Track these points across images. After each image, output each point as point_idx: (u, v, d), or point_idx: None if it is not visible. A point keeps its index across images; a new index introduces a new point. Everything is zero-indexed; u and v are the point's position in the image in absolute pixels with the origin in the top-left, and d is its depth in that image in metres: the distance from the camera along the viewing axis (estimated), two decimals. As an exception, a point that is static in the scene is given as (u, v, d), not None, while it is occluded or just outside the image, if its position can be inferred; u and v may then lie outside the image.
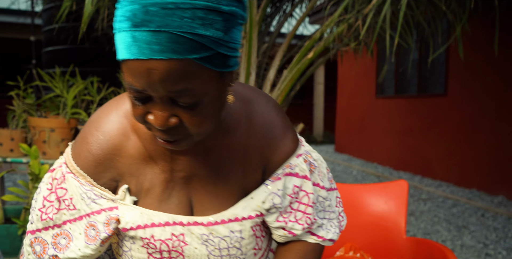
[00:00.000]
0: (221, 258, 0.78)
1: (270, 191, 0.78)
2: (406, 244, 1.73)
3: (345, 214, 0.97)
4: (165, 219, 0.76)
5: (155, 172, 0.77)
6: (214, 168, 0.78)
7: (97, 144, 0.75)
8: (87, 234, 0.76)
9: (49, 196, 0.78)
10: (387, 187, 1.86)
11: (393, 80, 7.25)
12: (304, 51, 2.56)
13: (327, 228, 0.87)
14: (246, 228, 0.78)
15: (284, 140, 0.80)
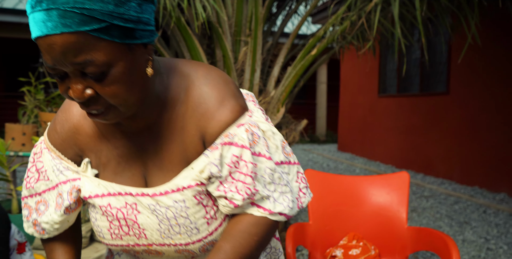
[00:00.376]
0: (171, 227, 0.83)
1: (208, 161, 0.79)
2: (408, 233, 1.79)
3: (311, 192, 0.93)
4: (118, 189, 0.84)
5: (109, 148, 0.85)
6: (158, 142, 0.83)
7: (61, 123, 0.87)
8: (57, 203, 0.87)
9: (31, 168, 0.90)
10: (389, 179, 1.91)
11: (396, 79, 7.29)
12: (308, 48, 2.61)
13: (276, 201, 0.83)
14: (188, 197, 0.81)
15: (221, 110, 0.80)
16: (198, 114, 0.80)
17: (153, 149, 0.84)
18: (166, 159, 0.83)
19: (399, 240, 1.81)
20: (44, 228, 0.89)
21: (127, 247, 0.89)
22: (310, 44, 2.61)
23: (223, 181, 0.80)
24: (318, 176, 1.96)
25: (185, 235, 0.84)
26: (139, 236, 0.86)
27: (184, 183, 0.81)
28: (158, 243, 0.86)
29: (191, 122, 0.81)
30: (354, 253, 1.77)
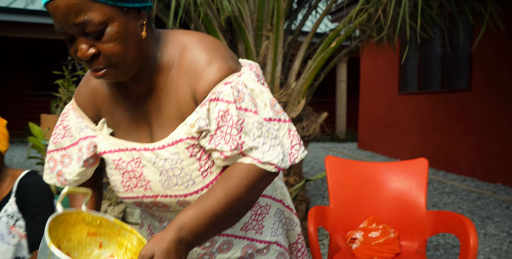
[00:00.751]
0: (169, 178, 0.92)
1: (198, 116, 0.87)
2: (427, 217, 1.83)
3: (305, 149, 0.96)
4: (126, 145, 0.96)
5: (121, 110, 0.98)
6: (158, 103, 0.94)
7: (83, 86, 1.01)
8: (78, 157, 1.00)
9: (59, 126, 1.03)
10: (408, 165, 1.96)
11: (416, 76, 7.25)
12: (328, 41, 2.68)
13: (265, 152, 0.87)
14: (182, 150, 0.90)
15: (208, 70, 0.87)
16: (189, 74, 0.89)
17: (155, 110, 0.94)
18: (165, 118, 0.93)
19: (418, 224, 1.85)
20: (66, 178, 1.01)
21: (137, 199, 0.99)
22: (330, 37, 2.67)
23: (213, 135, 0.87)
24: (338, 162, 2.02)
25: (183, 186, 0.93)
26: (145, 188, 0.96)
27: (177, 137, 0.89)
28: (161, 195, 0.96)
29: (184, 82, 0.90)
30: (374, 235, 1.83)
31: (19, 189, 1.34)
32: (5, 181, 1.36)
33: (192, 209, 0.81)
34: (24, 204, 1.32)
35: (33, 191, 1.34)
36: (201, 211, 0.81)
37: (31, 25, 9.76)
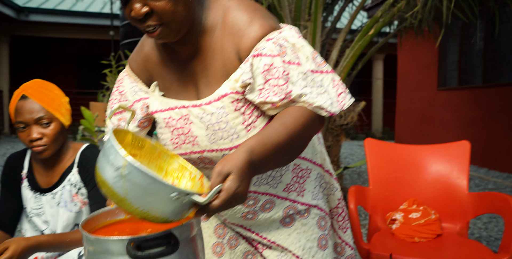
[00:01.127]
0: (215, 132, 0.98)
1: (242, 71, 0.92)
2: (469, 199, 1.82)
3: (351, 97, 0.98)
4: (175, 104, 1.02)
5: (170, 73, 1.05)
6: (204, 63, 1.00)
7: (136, 53, 1.09)
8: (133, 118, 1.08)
9: (115, 92, 1.12)
10: (449, 147, 1.95)
11: (457, 71, 7.07)
12: (366, 29, 2.68)
13: (314, 97, 0.91)
14: (226, 104, 0.95)
15: (250, 28, 0.93)
16: (232, 34, 0.95)
17: (201, 70, 1.00)
18: (211, 77, 0.99)
19: (460, 206, 1.84)
20: None
21: (185, 156, 1.05)
22: (367, 25, 2.68)
23: (262, 89, 0.92)
24: (378, 145, 2.03)
25: (228, 140, 0.98)
26: (193, 144, 1.02)
27: (222, 91, 0.95)
28: (207, 149, 1.01)
29: (228, 42, 0.95)
30: (414, 216, 1.83)
31: (80, 160, 1.44)
32: (67, 153, 1.46)
33: (257, 137, 0.84)
34: (86, 174, 1.42)
35: (94, 162, 1.43)
36: (266, 140, 0.83)
37: (75, 25, 10.17)
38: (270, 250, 1.15)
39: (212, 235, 1.21)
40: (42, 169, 1.46)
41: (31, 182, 1.46)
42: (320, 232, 1.16)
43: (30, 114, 1.34)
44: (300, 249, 1.13)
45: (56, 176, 1.44)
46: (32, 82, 1.41)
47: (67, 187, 1.42)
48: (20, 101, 1.35)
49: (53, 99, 1.39)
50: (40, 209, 1.45)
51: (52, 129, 1.36)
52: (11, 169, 1.48)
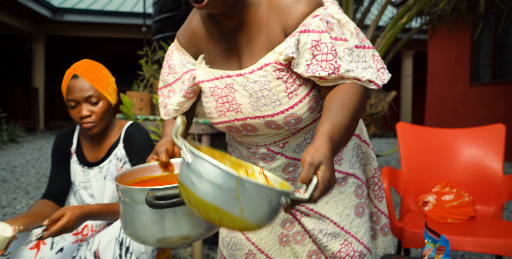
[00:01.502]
0: (258, 99, 1.04)
1: (287, 45, 0.98)
2: (504, 181, 1.81)
3: (389, 73, 1.03)
4: (220, 73, 1.09)
5: (215, 46, 1.11)
6: (248, 36, 1.05)
7: (184, 29, 1.16)
8: (180, 89, 1.15)
9: (165, 65, 1.20)
10: (484, 131, 1.94)
11: (490, 66, 6.91)
12: (398, 18, 2.69)
13: (361, 72, 0.96)
14: (269, 73, 1.01)
15: (297, 5, 0.98)
16: (279, 10, 1.00)
17: (245, 42, 1.06)
18: (255, 48, 1.05)
19: (494, 188, 1.83)
20: (168, 109, 1.17)
21: (229, 123, 1.12)
22: (400, 13, 2.68)
23: (309, 64, 0.97)
24: (410, 128, 2.04)
25: (270, 106, 1.04)
26: (236, 111, 1.08)
27: (265, 61, 1.01)
28: (250, 116, 1.07)
29: (274, 18, 1.01)
30: (447, 198, 1.83)
31: (126, 136, 1.52)
32: (113, 129, 1.55)
33: (330, 122, 0.87)
34: (131, 149, 1.50)
35: (138, 138, 1.52)
36: (339, 125, 0.88)
37: (107, 25, 10.45)
38: (308, 217, 1.20)
39: None
40: (90, 144, 1.55)
41: (80, 157, 1.55)
42: (357, 200, 1.20)
43: (80, 93, 1.43)
44: (338, 216, 1.18)
45: (103, 151, 1.53)
46: (82, 62, 1.49)
47: (114, 161, 1.51)
48: (72, 80, 1.44)
49: (101, 79, 1.47)
50: (88, 183, 1.54)
51: (100, 107, 1.45)
52: (61, 145, 1.58)
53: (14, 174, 4.92)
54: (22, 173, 4.96)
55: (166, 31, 4.79)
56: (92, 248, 1.38)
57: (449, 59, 7.97)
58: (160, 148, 1.04)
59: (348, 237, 1.18)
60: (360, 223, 1.20)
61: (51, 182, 1.56)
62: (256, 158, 1.19)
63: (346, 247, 1.18)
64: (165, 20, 4.69)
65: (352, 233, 1.19)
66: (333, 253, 1.18)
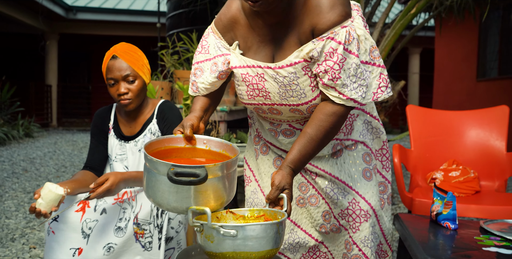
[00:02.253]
0: (286, 91, 1.17)
1: (314, 46, 1.10)
2: (507, 158, 1.94)
3: (391, 92, 1.20)
4: (253, 63, 1.19)
5: (254, 36, 1.20)
6: (284, 32, 1.17)
7: (224, 14, 1.24)
8: (211, 70, 1.25)
9: (200, 45, 1.30)
10: (488, 112, 2.07)
11: (497, 61, 6.99)
12: (408, 9, 2.81)
13: (353, 89, 1.12)
14: (298, 70, 1.14)
15: (330, 13, 1.09)
16: (313, 13, 1.11)
17: (280, 37, 1.18)
18: (286, 43, 1.18)
19: (498, 165, 1.96)
20: (198, 87, 1.29)
21: (257, 106, 1.26)
22: (409, 5, 2.81)
23: (320, 64, 1.12)
24: (419, 111, 2.17)
25: (296, 98, 1.19)
26: (265, 97, 1.22)
27: (295, 59, 1.14)
28: (277, 103, 1.22)
29: (307, 19, 1.12)
30: (454, 174, 1.96)
31: (159, 112, 1.67)
32: (147, 107, 1.69)
33: (298, 154, 1.12)
34: (163, 124, 1.65)
35: (169, 114, 1.66)
36: (306, 154, 1.13)
37: (119, 23, 10.64)
38: (321, 178, 1.34)
39: (271, 165, 1.41)
40: (126, 120, 1.70)
41: (117, 132, 1.70)
42: (365, 165, 1.34)
43: (119, 72, 1.57)
44: (347, 176, 1.32)
45: (138, 126, 1.68)
46: (120, 44, 1.64)
47: (148, 135, 1.65)
48: (111, 61, 1.58)
49: (137, 60, 1.62)
50: (124, 155, 1.69)
51: (136, 86, 1.59)
52: (100, 121, 1.73)
53: (33, 164, 5.10)
54: (42, 164, 5.14)
55: (181, 26, 4.95)
56: (135, 210, 1.52)
57: (456, 55, 8.07)
58: (187, 122, 1.16)
59: (356, 196, 1.32)
60: (368, 186, 1.33)
61: (90, 154, 1.70)
62: (278, 132, 1.34)
63: (353, 205, 1.31)
64: (180, 15, 4.85)
65: (360, 193, 1.32)
66: (342, 210, 1.32)
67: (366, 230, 1.30)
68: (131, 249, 1.52)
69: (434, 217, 1.29)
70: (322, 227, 1.36)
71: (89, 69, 13.19)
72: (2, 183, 3.95)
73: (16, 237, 2.46)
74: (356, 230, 1.31)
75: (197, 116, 1.21)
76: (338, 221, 1.33)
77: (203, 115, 1.24)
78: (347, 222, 1.32)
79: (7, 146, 6.66)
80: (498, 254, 1.02)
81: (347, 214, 1.32)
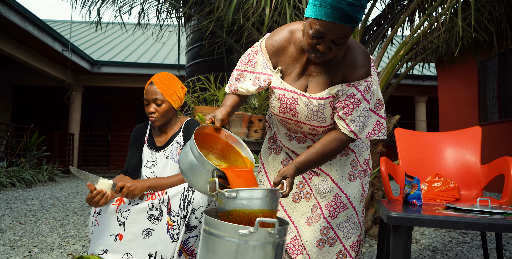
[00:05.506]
0: (312, 115, 1.52)
1: (341, 88, 1.47)
2: (482, 170, 2.25)
3: (384, 135, 1.57)
4: (290, 88, 1.52)
5: (295, 66, 1.53)
6: (322, 72, 1.51)
7: (276, 41, 1.55)
8: (253, 82, 1.57)
9: (246, 56, 1.61)
10: (464, 132, 2.41)
11: (497, 106, 7.36)
12: (398, 51, 3.26)
13: (356, 125, 1.49)
14: (326, 103, 1.49)
15: (359, 71, 1.46)
16: (348, 67, 1.48)
17: (316, 74, 1.53)
18: (320, 80, 1.53)
19: (474, 176, 2.26)
20: (237, 89, 1.61)
21: (285, 119, 1.62)
22: (398, 48, 3.25)
23: (340, 101, 1.50)
24: (406, 132, 2.52)
25: (318, 121, 1.56)
26: (293, 115, 1.58)
27: (326, 95, 1.50)
28: (302, 122, 1.58)
29: (342, 69, 1.49)
30: (437, 185, 2.26)
31: (185, 127, 2.05)
32: (176, 124, 2.08)
33: (304, 158, 1.47)
34: (188, 136, 2.03)
35: (193, 128, 2.05)
36: (310, 161, 1.49)
37: (138, 75, 11.39)
38: (317, 176, 1.68)
39: (280, 164, 1.76)
40: (158, 134, 2.09)
41: (150, 143, 2.08)
42: (350, 169, 1.68)
43: (151, 95, 1.98)
44: (336, 175, 1.66)
45: (167, 138, 2.06)
46: (160, 73, 2.05)
47: (175, 145, 2.03)
48: (149, 86, 2.00)
49: (168, 87, 2.02)
50: (153, 162, 2.05)
51: (163, 108, 1.99)
52: (138, 133, 2.12)
53: (60, 201, 5.45)
54: (67, 201, 5.49)
55: (199, 74, 5.50)
56: (164, 201, 1.86)
57: (459, 102, 8.47)
58: (218, 116, 1.49)
59: (339, 191, 1.64)
60: (351, 185, 1.66)
61: (128, 161, 2.07)
62: (292, 137, 1.70)
63: (336, 199, 1.64)
64: (198, 64, 5.41)
65: (343, 190, 1.65)
66: (328, 203, 1.64)
67: (342, 217, 1.62)
68: (163, 239, 1.83)
69: (405, 198, 1.60)
70: (309, 218, 1.67)
71: (110, 119, 13.87)
72: (34, 214, 4.29)
73: (55, 248, 2.77)
74: (334, 217, 1.62)
75: (227, 111, 1.55)
76: (322, 212, 1.64)
77: (231, 111, 1.58)
78: (328, 211, 1.63)
79: (34, 188, 7.06)
80: (447, 209, 1.33)
81: (331, 206, 1.63)
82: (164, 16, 4.90)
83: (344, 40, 1.34)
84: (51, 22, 16.02)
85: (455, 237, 3.30)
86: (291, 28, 1.55)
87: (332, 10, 1.26)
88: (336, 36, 1.31)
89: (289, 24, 1.59)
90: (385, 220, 1.35)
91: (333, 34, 1.31)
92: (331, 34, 1.31)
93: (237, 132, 3.34)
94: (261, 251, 1.20)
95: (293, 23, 1.60)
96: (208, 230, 1.26)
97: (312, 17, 1.31)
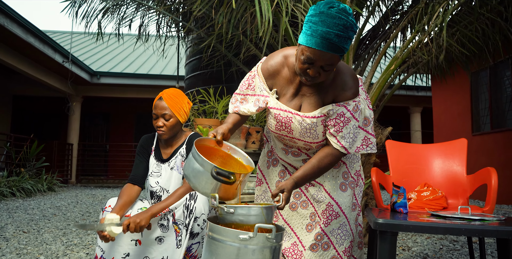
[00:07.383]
0: (305, 132, 1.64)
1: (332, 108, 1.59)
2: (467, 179, 2.39)
3: (373, 149, 1.71)
4: (285, 108, 1.65)
5: (289, 87, 1.66)
6: (314, 93, 1.63)
7: (271, 64, 1.68)
8: (254, 103, 1.71)
9: (246, 81, 1.75)
10: (451, 144, 2.55)
11: (489, 117, 7.53)
12: (389, 66, 3.42)
13: (346, 141, 1.63)
14: (318, 121, 1.61)
15: (349, 91, 1.60)
16: (337, 89, 1.61)
17: (309, 95, 1.65)
18: (313, 101, 1.66)
19: (461, 186, 2.40)
20: (240, 110, 1.75)
21: (280, 135, 1.76)
22: (390, 63, 3.41)
23: (331, 119, 1.63)
24: (396, 144, 2.66)
25: (311, 138, 1.69)
26: (288, 132, 1.71)
27: (319, 114, 1.63)
28: (296, 138, 1.72)
29: (332, 91, 1.62)
30: (425, 194, 2.39)
31: (188, 140, 2.17)
32: (181, 137, 2.20)
33: (302, 173, 1.60)
34: (191, 148, 2.15)
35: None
36: (307, 175, 1.62)
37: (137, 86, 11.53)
38: (312, 187, 1.81)
39: (276, 175, 1.89)
40: (164, 146, 2.21)
41: (156, 154, 2.20)
42: (342, 180, 1.81)
43: (160, 110, 2.11)
44: (329, 185, 1.79)
45: (172, 150, 2.19)
46: (169, 89, 2.17)
47: (179, 157, 2.15)
48: (158, 101, 2.13)
49: (176, 103, 2.14)
50: (158, 172, 2.17)
51: (170, 122, 2.11)
52: (145, 143, 2.23)
53: (60, 210, 5.54)
54: (68, 210, 5.58)
55: (198, 86, 5.63)
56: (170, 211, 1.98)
57: (452, 112, 8.65)
58: (220, 131, 1.62)
59: (331, 201, 1.77)
60: (342, 195, 1.79)
61: (135, 169, 2.18)
62: (288, 151, 1.83)
63: (329, 208, 1.77)
64: (197, 76, 5.56)
65: (335, 199, 1.78)
66: (322, 211, 1.77)
67: (335, 225, 1.75)
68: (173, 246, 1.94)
69: (392, 206, 1.73)
70: (309, 225, 1.80)
71: (108, 129, 13.97)
72: (37, 223, 4.39)
73: (60, 255, 2.87)
74: (328, 224, 1.75)
75: (229, 127, 1.67)
76: (321, 219, 1.77)
77: (232, 127, 1.71)
78: (322, 219, 1.75)
79: (33, 197, 7.14)
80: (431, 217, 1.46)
81: (324, 213, 1.76)
82: (164, 30, 5.05)
83: (332, 66, 1.47)
84: (50, 33, 16.20)
85: (446, 245, 3.42)
86: (285, 53, 1.70)
87: (321, 40, 1.39)
88: (324, 63, 1.44)
89: (283, 49, 1.74)
90: (372, 226, 1.47)
91: (322, 61, 1.44)
92: (320, 61, 1.44)
93: (236, 144, 3.47)
94: (259, 254, 1.32)
95: (286, 48, 1.74)
96: (212, 235, 1.38)
97: (304, 45, 1.45)
